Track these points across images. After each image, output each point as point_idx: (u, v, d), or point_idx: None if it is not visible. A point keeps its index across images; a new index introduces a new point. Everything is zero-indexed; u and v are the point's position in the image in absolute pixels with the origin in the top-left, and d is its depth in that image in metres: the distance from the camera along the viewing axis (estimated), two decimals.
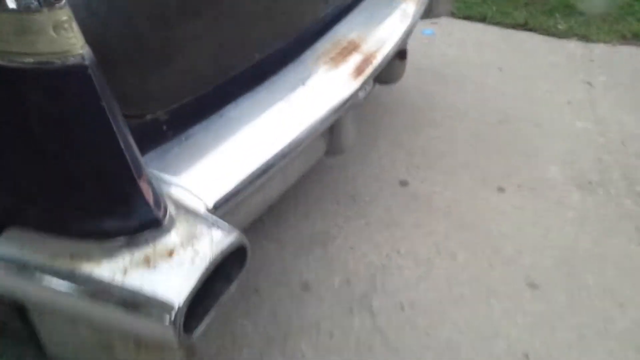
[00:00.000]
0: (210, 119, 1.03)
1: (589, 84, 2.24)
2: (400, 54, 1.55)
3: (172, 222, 0.77)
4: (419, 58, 2.37)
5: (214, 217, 0.82)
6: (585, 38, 2.56)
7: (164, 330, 0.71)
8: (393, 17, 1.45)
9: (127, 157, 0.73)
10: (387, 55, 1.30)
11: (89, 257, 0.73)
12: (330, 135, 1.29)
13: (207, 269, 0.73)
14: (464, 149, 1.89)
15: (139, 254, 0.72)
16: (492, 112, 2.07)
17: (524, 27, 2.66)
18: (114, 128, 0.70)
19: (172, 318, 0.69)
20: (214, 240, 0.77)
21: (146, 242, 0.73)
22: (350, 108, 1.23)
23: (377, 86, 1.60)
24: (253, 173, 0.98)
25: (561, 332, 1.32)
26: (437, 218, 1.63)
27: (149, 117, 0.92)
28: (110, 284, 0.71)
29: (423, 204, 1.68)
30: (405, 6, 1.49)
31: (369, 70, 1.24)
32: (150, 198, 0.76)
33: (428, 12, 1.63)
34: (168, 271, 0.72)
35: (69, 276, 0.73)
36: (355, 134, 1.36)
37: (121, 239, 0.73)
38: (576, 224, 1.60)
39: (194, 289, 0.71)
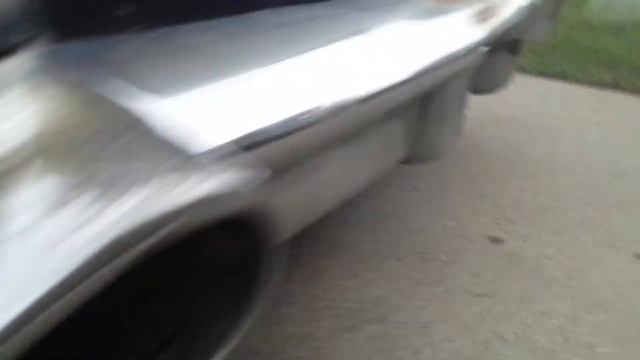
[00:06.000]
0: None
1: None
2: (511, 45, 1.08)
3: None
4: (495, 107, 1.93)
5: None
6: None
7: None
8: None
9: None
10: (519, 11, 0.84)
11: None
12: (420, 121, 0.80)
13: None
14: (575, 205, 1.38)
15: None
16: (601, 166, 1.58)
17: (613, 86, 2.24)
18: None
19: None
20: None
21: None
22: (458, 74, 0.75)
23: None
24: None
25: None
26: (554, 292, 1.08)
27: None
28: None
29: (529, 270, 1.14)
30: None
31: (493, 22, 0.78)
32: None
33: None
34: None
35: None
36: (458, 130, 0.86)
37: None
38: None
39: None
